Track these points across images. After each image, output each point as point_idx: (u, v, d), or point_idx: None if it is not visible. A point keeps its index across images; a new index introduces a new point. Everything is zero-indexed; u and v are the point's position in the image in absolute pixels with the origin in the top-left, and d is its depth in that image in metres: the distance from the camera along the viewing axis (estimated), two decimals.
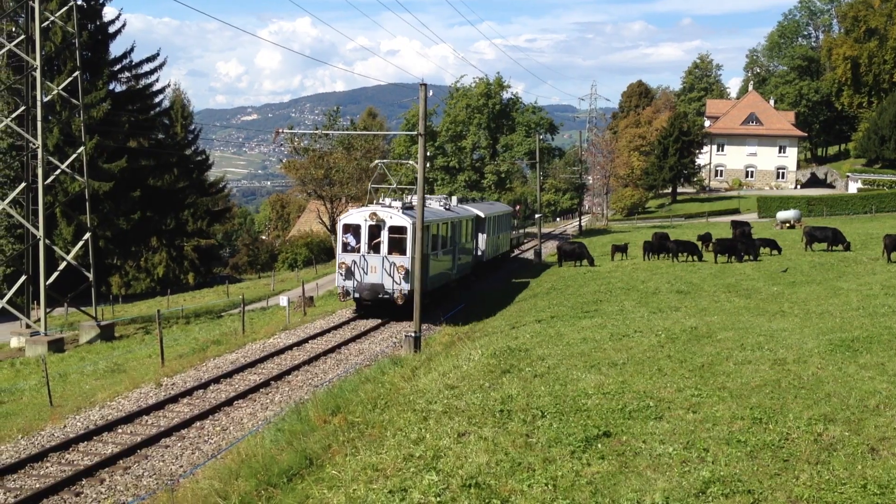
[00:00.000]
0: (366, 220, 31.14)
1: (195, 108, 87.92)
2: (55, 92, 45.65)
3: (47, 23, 43.95)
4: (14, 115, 44.20)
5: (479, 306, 34.77)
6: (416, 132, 30.74)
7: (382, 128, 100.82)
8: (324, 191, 74.64)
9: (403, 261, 30.61)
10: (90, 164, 49.28)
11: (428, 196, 38.66)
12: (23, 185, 43.32)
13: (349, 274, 31.06)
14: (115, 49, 73.00)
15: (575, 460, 10.44)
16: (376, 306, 31.98)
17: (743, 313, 23.86)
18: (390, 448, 11.90)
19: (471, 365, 17.39)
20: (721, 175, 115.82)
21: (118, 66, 72.11)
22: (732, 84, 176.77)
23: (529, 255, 61.45)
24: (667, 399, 12.98)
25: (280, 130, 36.37)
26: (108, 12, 79.64)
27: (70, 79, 46.34)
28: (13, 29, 49.96)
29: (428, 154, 39.77)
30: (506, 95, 78.09)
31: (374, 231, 31.20)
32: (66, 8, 48.92)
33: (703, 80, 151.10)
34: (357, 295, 31.17)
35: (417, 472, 10.62)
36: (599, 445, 10.92)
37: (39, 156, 39.89)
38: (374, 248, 31.15)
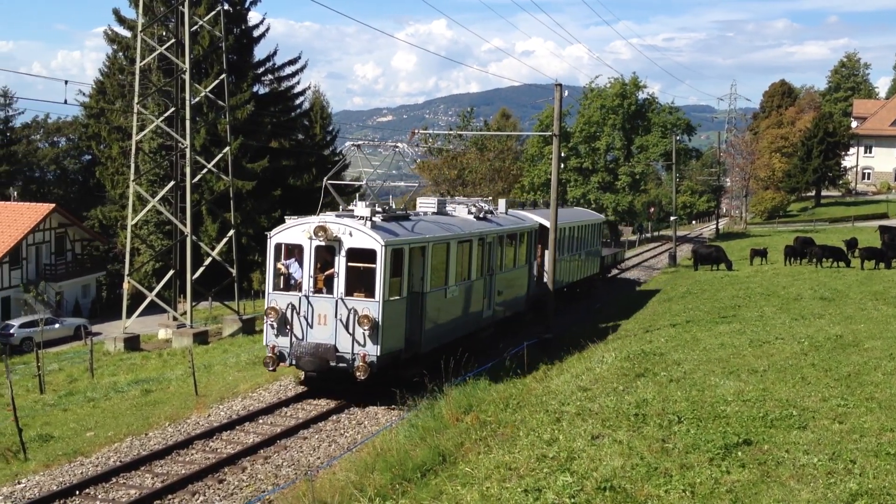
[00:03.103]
0: (311, 239, 19.20)
1: (333, 110, 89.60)
2: (203, 94, 47.62)
3: (196, 27, 45.79)
4: (164, 116, 46.32)
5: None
6: (549, 133, 30.63)
7: (516, 129, 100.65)
8: (457, 191, 75.20)
9: (369, 307, 18.64)
10: (234, 164, 51.13)
11: (450, 200, 28.69)
12: (171, 183, 45.46)
13: (284, 326, 19.41)
14: (259, 52, 75.01)
15: (714, 467, 10.22)
16: (326, 379, 20.14)
17: (892, 322, 22.81)
18: (523, 448, 11.92)
19: (604, 368, 17.26)
20: (868, 178, 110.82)
21: (262, 69, 74.38)
22: (881, 83, 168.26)
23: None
24: (811, 408, 12.56)
25: (415, 131, 36.82)
26: (253, 17, 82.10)
27: (217, 81, 48.27)
28: (164, 33, 52.27)
29: (562, 155, 37.67)
30: (641, 96, 76.89)
31: (325, 256, 19.46)
32: (213, 13, 50.78)
33: (850, 79, 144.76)
34: (293, 361, 19.35)
35: (551, 472, 10.60)
36: (739, 453, 10.66)
37: (187, 155, 41.75)
38: (326, 282, 19.49)
